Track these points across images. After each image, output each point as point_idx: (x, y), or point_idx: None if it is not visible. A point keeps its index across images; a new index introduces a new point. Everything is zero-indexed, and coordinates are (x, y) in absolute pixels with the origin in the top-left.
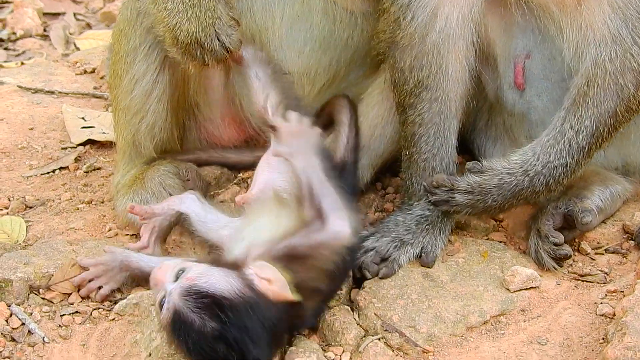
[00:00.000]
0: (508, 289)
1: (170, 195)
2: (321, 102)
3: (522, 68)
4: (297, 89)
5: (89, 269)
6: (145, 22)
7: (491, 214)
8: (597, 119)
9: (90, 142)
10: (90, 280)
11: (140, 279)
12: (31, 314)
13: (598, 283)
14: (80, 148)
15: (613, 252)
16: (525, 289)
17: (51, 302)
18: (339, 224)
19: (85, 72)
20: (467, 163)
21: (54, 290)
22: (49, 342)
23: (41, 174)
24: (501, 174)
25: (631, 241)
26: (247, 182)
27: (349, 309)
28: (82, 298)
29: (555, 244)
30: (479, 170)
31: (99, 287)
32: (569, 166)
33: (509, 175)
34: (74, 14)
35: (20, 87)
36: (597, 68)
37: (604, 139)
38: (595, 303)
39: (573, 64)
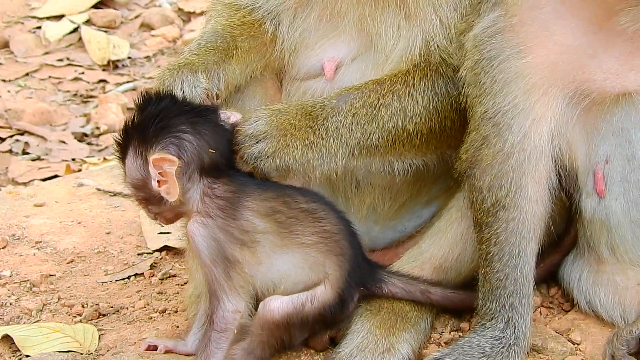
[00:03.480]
0: None
1: None
2: (400, 217)
3: (602, 174)
4: (378, 203)
5: None
6: None
7: None
8: None
9: (166, 248)
10: None
11: None
12: None
13: None
14: (157, 254)
15: None
16: None
17: None
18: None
19: None
20: None
21: None
22: None
23: (116, 280)
24: None
25: None
26: None
27: None
28: None
29: None
30: None
31: None
32: None
33: None
34: None
35: (99, 189)
36: None
37: None
38: None
39: None
